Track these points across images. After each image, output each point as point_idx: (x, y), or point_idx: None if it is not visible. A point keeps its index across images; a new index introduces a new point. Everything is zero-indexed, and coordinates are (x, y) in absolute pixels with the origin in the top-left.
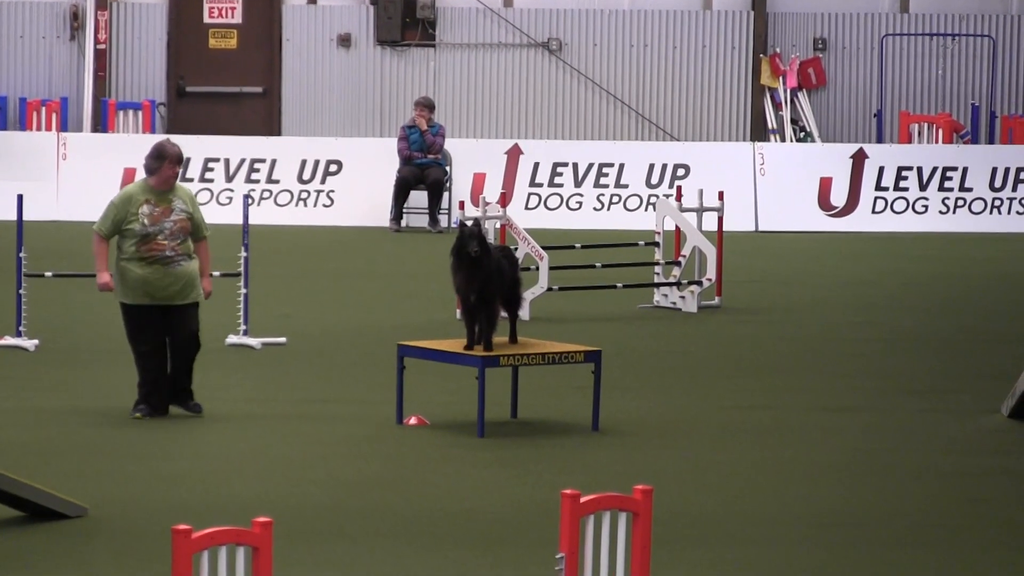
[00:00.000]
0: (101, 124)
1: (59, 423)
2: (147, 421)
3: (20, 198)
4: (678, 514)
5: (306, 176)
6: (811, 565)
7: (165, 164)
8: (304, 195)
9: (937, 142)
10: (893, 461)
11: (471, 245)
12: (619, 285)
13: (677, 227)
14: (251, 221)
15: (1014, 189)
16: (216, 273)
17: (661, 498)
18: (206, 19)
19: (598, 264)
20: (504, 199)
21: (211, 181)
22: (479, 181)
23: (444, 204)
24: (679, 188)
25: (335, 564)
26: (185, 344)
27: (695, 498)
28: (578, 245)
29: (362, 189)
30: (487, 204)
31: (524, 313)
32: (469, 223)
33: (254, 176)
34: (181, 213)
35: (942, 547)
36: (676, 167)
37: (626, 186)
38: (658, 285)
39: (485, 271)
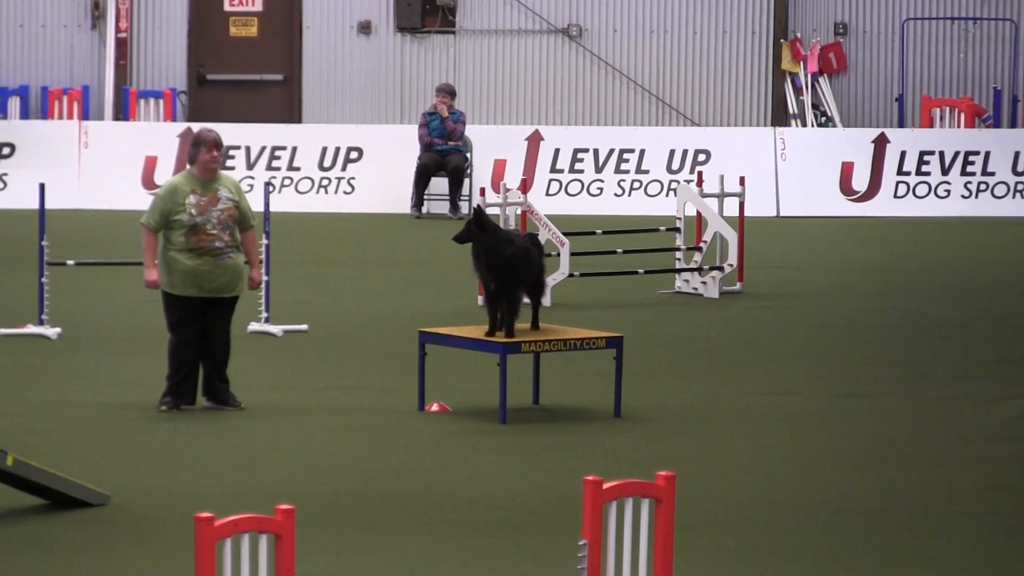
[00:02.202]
0: (122, 112)
1: (81, 411)
2: (169, 410)
3: (42, 186)
4: (701, 500)
5: (327, 163)
6: (833, 551)
7: (202, 149)
8: (325, 182)
9: (959, 126)
10: (914, 447)
11: (457, 233)
12: (640, 271)
13: (698, 213)
14: (272, 208)
15: None
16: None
17: (684, 484)
18: (226, 7)
19: (619, 250)
20: (525, 185)
21: (232, 169)
22: (500, 167)
23: (465, 191)
24: (700, 173)
25: (357, 551)
26: (218, 342)
27: (717, 484)
28: (599, 231)
29: (383, 176)
30: (508, 190)
31: (546, 299)
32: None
33: (275, 163)
34: (228, 202)
35: (964, 533)
36: (697, 152)
37: (647, 172)
38: (679, 271)
39: (503, 260)
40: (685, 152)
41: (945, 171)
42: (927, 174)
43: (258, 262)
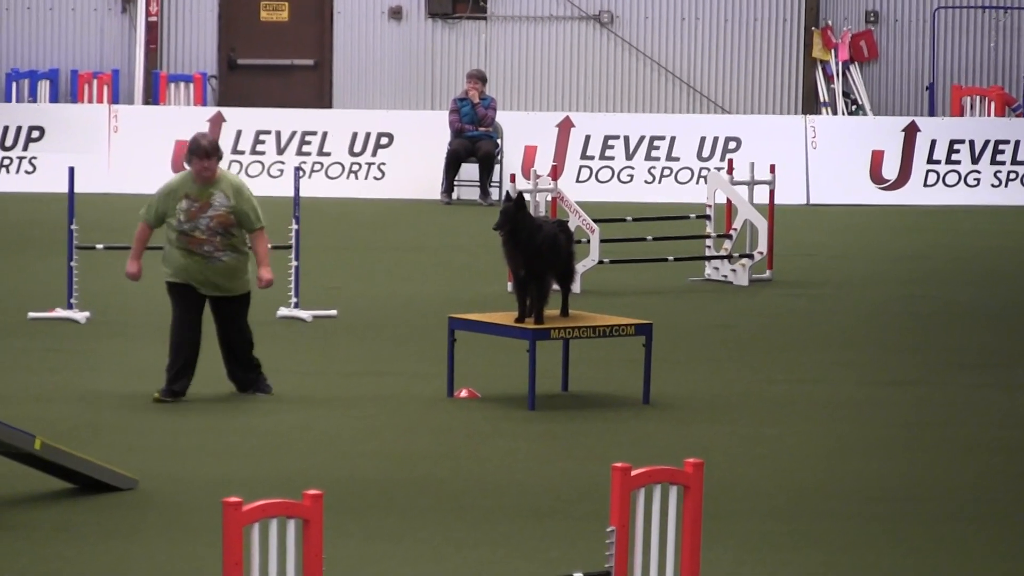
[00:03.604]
0: (152, 97)
1: (110, 395)
2: (198, 395)
3: (71, 171)
4: (729, 488)
5: (357, 149)
6: (862, 539)
7: (194, 159)
8: (355, 168)
9: (989, 115)
10: (945, 435)
11: (497, 222)
12: (670, 258)
13: (728, 200)
14: (302, 194)
15: None
16: (268, 246)
17: (712, 472)
18: None
19: (649, 237)
20: (555, 172)
21: (262, 154)
22: (530, 154)
23: (495, 177)
24: (730, 161)
25: (385, 536)
26: (237, 338)
27: (746, 472)
28: (629, 218)
29: (413, 162)
30: (538, 177)
31: (575, 286)
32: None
33: (305, 149)
34: (220, 208)
35: (994, 521)
36: (727, 140)
37: (677, 159)
38: (709, 258)
39: (533, 246)
40: (715, 139)
41: (975, 160)
42: (957, 163)
43: (267, 262)
